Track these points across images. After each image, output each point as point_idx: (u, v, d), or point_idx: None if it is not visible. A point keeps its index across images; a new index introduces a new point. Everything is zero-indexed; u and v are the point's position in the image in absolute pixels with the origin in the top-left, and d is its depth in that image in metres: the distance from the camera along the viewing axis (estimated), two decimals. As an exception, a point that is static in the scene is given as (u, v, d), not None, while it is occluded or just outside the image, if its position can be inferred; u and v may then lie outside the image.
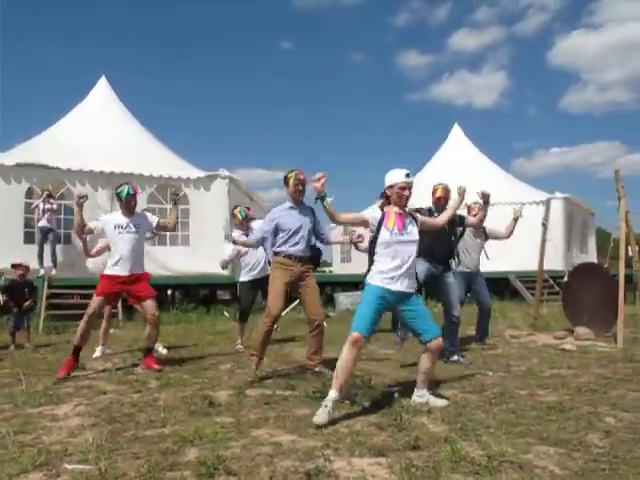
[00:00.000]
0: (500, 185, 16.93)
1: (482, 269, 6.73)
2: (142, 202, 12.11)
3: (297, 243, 5.05)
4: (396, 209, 3.94)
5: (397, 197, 3.92)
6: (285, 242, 5.04)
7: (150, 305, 5.47)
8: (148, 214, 5.88)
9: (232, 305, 12.07)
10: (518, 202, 15.75)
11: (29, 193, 11.57)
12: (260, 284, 6.63)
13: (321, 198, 3.85)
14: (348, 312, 10.80)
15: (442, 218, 4.38)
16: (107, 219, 5.59)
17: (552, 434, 3.19)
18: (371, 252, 3.96)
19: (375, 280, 3.84)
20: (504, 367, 5.31)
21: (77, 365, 5.32)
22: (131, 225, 5.46)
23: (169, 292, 16.10)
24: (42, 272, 10.41)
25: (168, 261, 12.07)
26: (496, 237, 6.80)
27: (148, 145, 14.34)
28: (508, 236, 6.67)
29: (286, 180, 5.11)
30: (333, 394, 3.61)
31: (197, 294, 13.67)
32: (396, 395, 4.05)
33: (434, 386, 4.32)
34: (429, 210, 5.62)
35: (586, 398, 4.05)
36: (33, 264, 9.54)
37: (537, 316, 8.87)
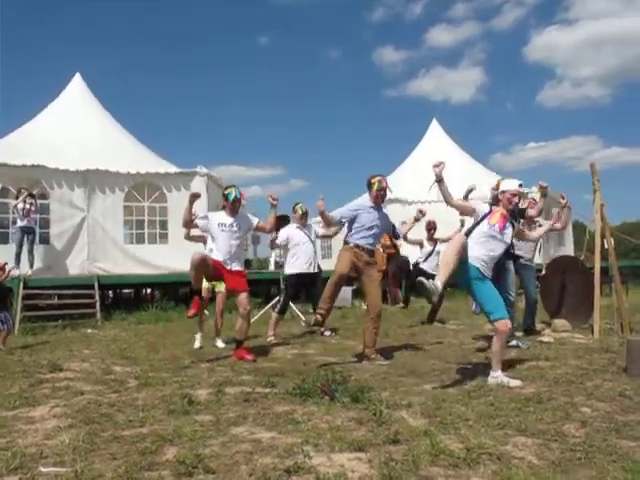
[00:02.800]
0: (480, 180, 17.03)
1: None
2: (119, 200, 12.01)
3: (368, 237, 5.52)
4: (503, 211, 4.50)
5: (507, 201, 4.55)
6: (357, 232, 5.51)
7: (243, 299, 5.72)
8: (249, 215, 6.23)
9: (212, 304, 11.98)
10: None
11: (3, 192, 11.38)
12: (306, 280, 6.83)
13: (439, 181, 4.44)
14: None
15: (538, 233, 5.37)
16: (212, 216, 5.97)
17: (530, 425, 3.23)
18: (467, 236, 4.42)
19: (476, 263, 4.32)
20: (483, 360, 5.34)
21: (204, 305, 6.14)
22: (234, 224, 5.84)
23: (148, 291, 15.97)
24: (17, 272, 10.23)
25: (147, 259, 11.96)
26: (552, 229, 6.69)
27: (125, 142, 14.16)
28: (564, 227, 7.06)
29: (370, 185, 5.55)
30: (499, 374, 4.31)
31: (176, 292, 13.56)
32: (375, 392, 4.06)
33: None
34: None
35: (563, 389, 4.10)
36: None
37: (516, 309, 8.94)
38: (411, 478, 2.53)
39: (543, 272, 9.16)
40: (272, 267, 14.65)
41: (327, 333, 7.39)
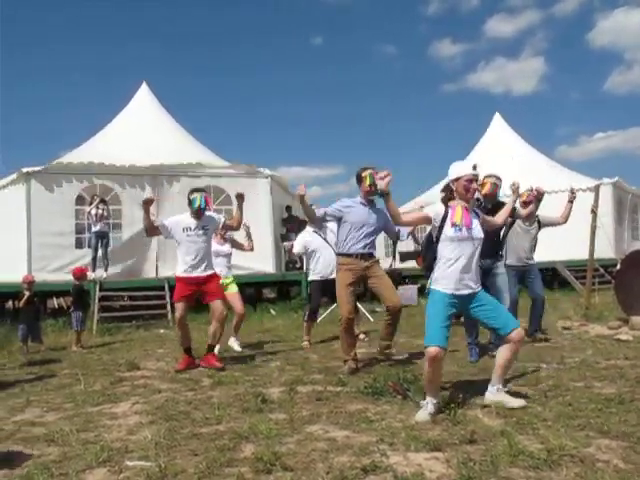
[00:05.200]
0: (546, 173, 16.53)
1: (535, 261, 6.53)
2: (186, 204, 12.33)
3: (361, 240, 5.03)
4: (462, 203, 3.74)
5: (463, 190, 3.74)
6: (346, 238, 5.04)
7: (219, 305, 5.60)
8: (214, 214, 6.03)
9: (277, 303, 12.16)
10: (565, 190, 15.37)
11: (79, 200, 11.91)
12: (328, 286, 6.62)
13: (385, 195, 3.77)
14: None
15: (500, 217, 4.25)
16: (176, 220, 5.69)
17: (613, 427, 3.11)
18: (432, 253, 3.79)
19: (440, 285, 3.66)
20: (558, 359, 5.19)
21: (194, 362, 5.65)
22: (200, 227, 5.59)
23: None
24: (93, 276, 10.71)
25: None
26: (551, 224, 6.51)
27: (190, 146, 14.58)
28: (564, 221, 6.31)
29: (359, 178, 5.12)
30: (433, 400, 3.55)
31: (243, 293, 13.83)
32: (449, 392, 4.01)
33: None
34: (477, 200, 5.47)
35: (647, 389, 3.92)
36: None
37: (589, 306, 8.63)
38: (490, 479, 2.49)
39: (618, 267, 8.79)
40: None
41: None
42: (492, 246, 5.38)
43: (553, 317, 8.34)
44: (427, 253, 4.08)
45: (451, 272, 3.64)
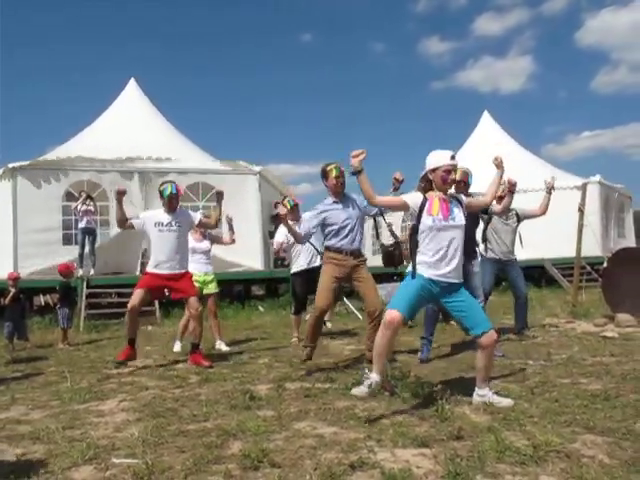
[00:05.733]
0: (534, 171, 16.60)
1: (518, 256, 6.50)
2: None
3: (346, 236, 4.94)
4: (439, 194, 3.65)
5: (441, 181, 3.63)
6: (334, 236, 4.95)
7: (193, 302, 5.48)
8: (190, 211, 5.89)
9: (266, 300, 12.14)
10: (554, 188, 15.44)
11: (68, 196, 11.80)
12: (313, 275, 6.29)
13: (357, 173, 3.60)
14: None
15: (489, 195, 4.08)
16: (149, 215, 5.60)
17: (599, 423, 3.14)
18: (413, 242, 3.70)
19: (420, 269, 3.60)
20: (545, 356, 5.22)
21: (135, 354, 5.53)
22: (173, 223, 5.45)
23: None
24: (81, 272, 10.63)
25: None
26: (531, 216, 6.43)
27: (178, 144, 14.48)
28: (543, 212, 6.25)
29: (325, 173, 4.97)
30: (376, 377, 3.50)
31: (231, 290, 13.79)
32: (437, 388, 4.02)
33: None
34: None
35: (632, 386, 3.96)
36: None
37: (576, 303, 8.70)
38: (477, 475, 2.50)
39: (605, 265, 8.86)
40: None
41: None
42: (468, 244, 5.24)
43: (540, 314, 8.41)
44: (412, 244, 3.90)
45: (433, 261, 3.58)
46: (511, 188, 5.23)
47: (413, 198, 3.72)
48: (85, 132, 14.55)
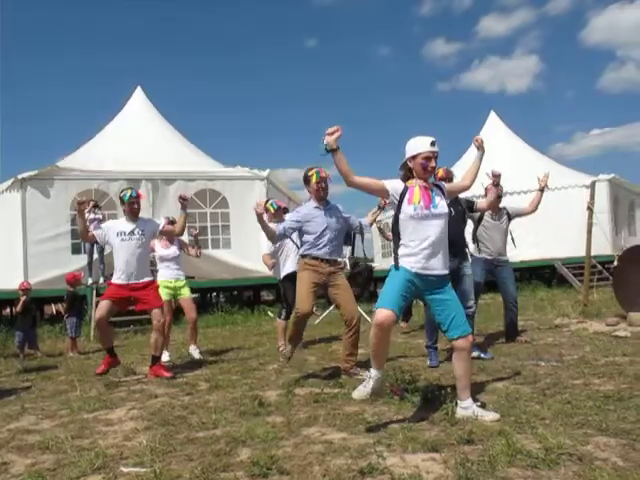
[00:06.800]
0: (542, 171, 16.50)
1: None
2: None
3: (325, 245, 4.81)
4: (420, 182, 3.48)
5: (421, 169, 3.44)
6: (312, 245, 4.82)
7: (157, 313, 5.35)
8: (153, 218, 5.78)
9: (276, 305, 12.13)
10: (561, 187, 15.38)
11: (75, 205, 11.86)
12: None
13: (332, 151, 3.35)
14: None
15: (467, 178, 3.91)
16: (110, 225, 5.47)
17: (612, 424, 3.08)
18: (395, 233, 3.52)
19: (404, 263, 3.42)
20: (556, 356, 5.17)
21: (116, 361, 5.47)
22: (135, 231, 5.32)
23: (213, 295, 16.34)
24: (90, 281, 10.68)
25: (210, 265, 12.22)
26: (522, 214, 6.28)
27: (186, 151, 14.53)
28: (534, 210, 6.11)
29: (307, 178, 4.88)
30: (375, 373, 3.37)
31: (241, 296, 13.81)
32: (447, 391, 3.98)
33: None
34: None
35: (645, 386, 3.90)
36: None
37: (587, 303, 8.61)
38: (488, 479, 2.47)
39: (615, 263, 8.77)
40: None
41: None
42: (457, 244, 5.07)
43: (551, 314, 8.35)
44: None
45: (416, 252, 3.41)
46: (495, 180, 5.10)
47: (394, 184, 3.52)
48: (92, 141, 14.65)
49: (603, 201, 15.15)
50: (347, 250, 6.95)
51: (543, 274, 15.36)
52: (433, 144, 3.44)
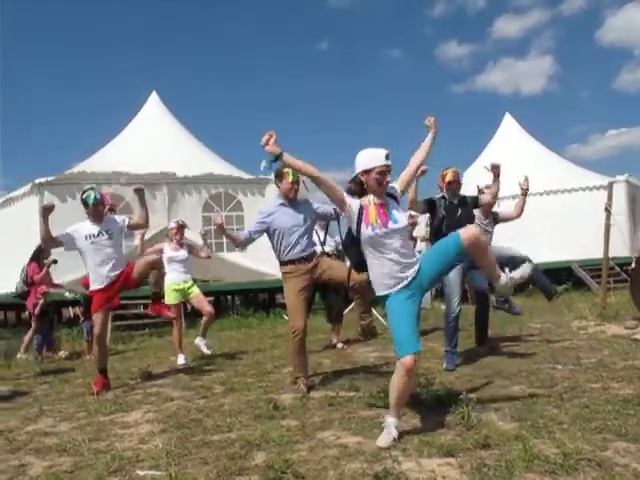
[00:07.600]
0: (559, 172, 16.38)
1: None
2: (198, 211, 12.42)
3: (297, 243, 4.64)
4: (373, 198, 3.27)
5: (376, 184, 3.25)
6: (282, 248, 4.66)
7: (99, 317, 5.19)
8: (116, 216, 5.67)
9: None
10: (578, 188, 15.24)
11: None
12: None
13: (277, 157, 3.24)
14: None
15: (414, 164, 3.74)
16: (76, 228, 5.30)
17: (631, 429, 3.03)
18: (353, 252, 3.41)
19: (384, 288, 3.26)
20: (573, 360, 5.10)
21: (109, 384, 5.26)
22: (103, 232, 5.21)
23: (229, 298, 16.39)
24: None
25: (225, 268, 12.26)
26: (507, 219, 6.18)
27: (200, 155, 14.63)
28: (519, 214, 6.02)
29: (280, 175, 4.69)
30: (392, 420, 3.18)
31: (256, 299, 13.84)
32: (463, 395, 3.95)
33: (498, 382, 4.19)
34: (443, 197, 5.31)
35: (665, 390, 3.84)
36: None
37: (605, 305, 8.50)
38: (505, 484, 2.45)
39: (633, 265, 8.65)
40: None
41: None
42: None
43: (568, 317, 8.25)
44: (350, 251, 3.51)
45: (386, 270, 3.23)
46: (495, 171, 5.00)
47: (351, 201, 3.31)
48: (109, 145, 14.79)
49: (621, 202, 14.94)
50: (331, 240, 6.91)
51: (560, 276, 15.20)
52: (387, 157, 3.26)
